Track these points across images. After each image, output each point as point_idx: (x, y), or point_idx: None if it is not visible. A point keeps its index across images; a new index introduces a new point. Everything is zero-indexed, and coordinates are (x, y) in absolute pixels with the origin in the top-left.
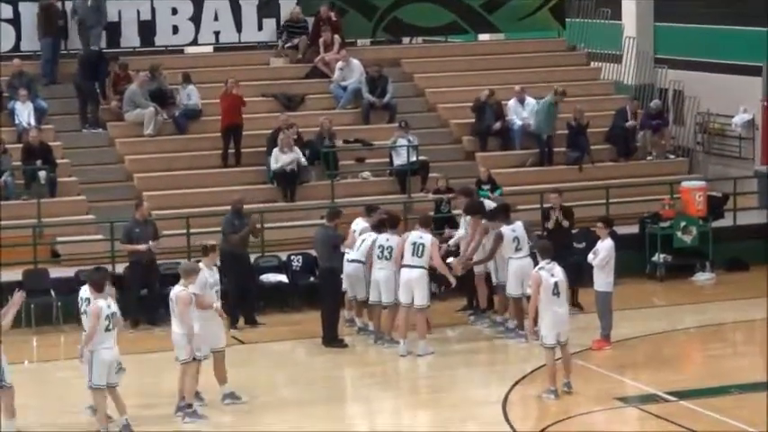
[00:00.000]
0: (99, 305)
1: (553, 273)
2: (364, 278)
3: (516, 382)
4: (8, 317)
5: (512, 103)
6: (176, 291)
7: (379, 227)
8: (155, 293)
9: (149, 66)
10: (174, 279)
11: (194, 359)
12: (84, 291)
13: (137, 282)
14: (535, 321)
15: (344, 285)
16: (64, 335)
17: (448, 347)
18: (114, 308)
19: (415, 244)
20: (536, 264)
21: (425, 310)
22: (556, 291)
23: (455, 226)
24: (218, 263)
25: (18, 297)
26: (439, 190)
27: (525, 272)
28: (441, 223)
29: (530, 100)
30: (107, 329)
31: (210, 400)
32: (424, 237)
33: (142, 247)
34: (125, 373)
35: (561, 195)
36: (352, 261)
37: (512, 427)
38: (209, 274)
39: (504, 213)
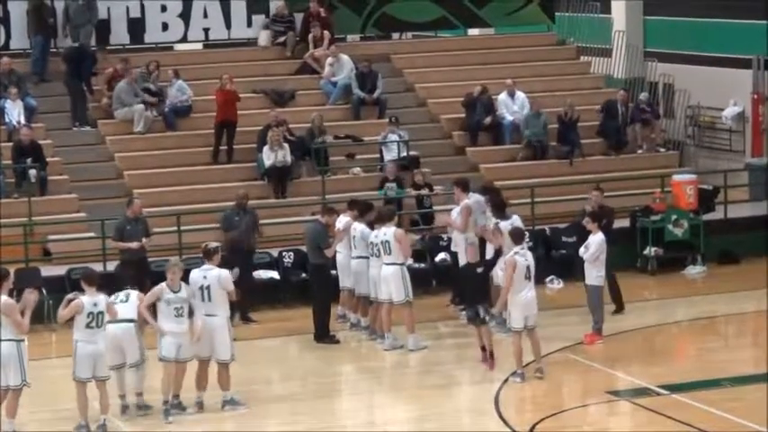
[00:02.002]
0: (82, 300)
1: (526, 257)
2: (365, 273)
3: (508, 376)
4: (26, 319)
5: (502, 96)
6: None
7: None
8: (146, 291)
9: (147, 63)
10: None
11: (162, 358)
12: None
13: (128, 279)
14: (506, 305)
15: (347, 281)
16: (55, 333)
17: (440, 342)
18: (102, 307)
19: (382, 242)
20: None
21: (407, 305)
22: (528, 275)
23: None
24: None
25: (31, 298)
26: (417, 185)
27: None
28: (425, 218)
29: (519, 94)
30: (88, 326)
31: (207, 397)
32: (388, 232)
33: (134, 244)
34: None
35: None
36: (357, 257)
37: (504, 420)
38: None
39: (500, 209)
